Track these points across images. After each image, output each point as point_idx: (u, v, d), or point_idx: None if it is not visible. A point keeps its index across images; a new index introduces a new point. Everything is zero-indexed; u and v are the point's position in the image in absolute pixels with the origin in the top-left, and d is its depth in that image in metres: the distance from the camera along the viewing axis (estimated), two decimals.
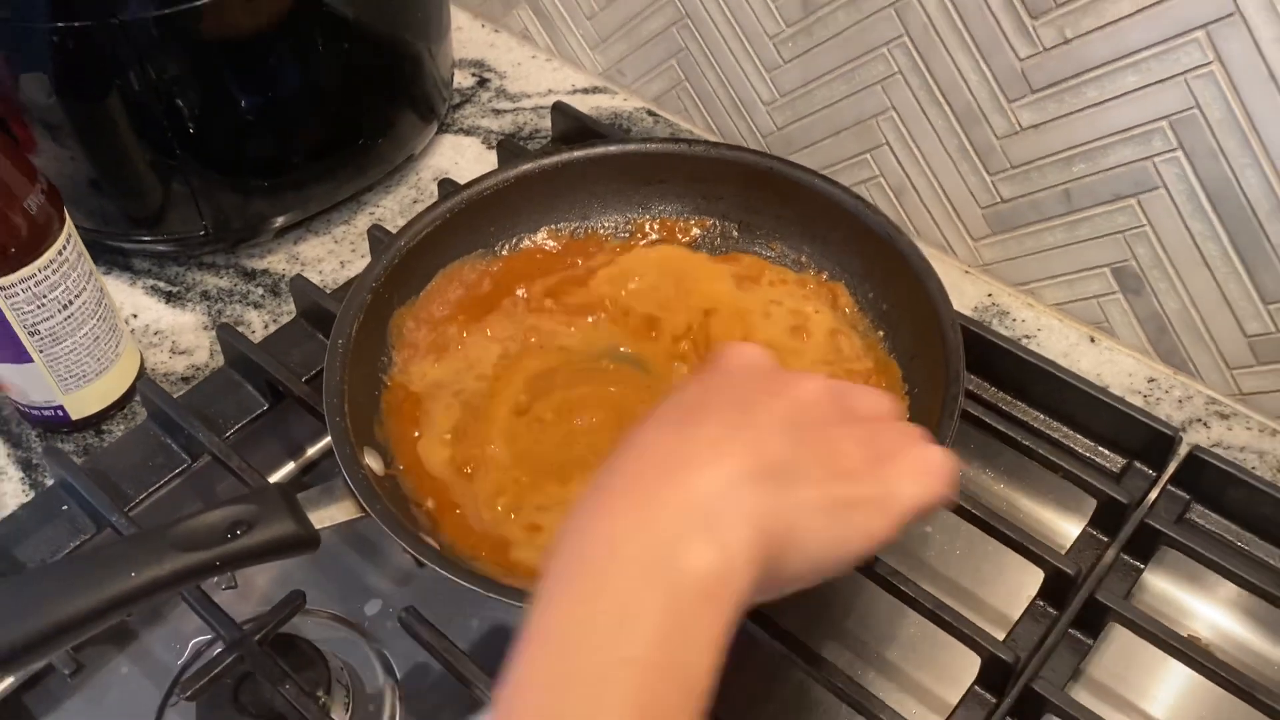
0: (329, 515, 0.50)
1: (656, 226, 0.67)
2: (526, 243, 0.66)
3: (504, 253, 0.65)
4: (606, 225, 0.67)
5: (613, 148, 0.66)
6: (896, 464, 0.40)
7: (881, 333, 0.61)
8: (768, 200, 0.65)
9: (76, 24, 0.60)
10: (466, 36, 0.91)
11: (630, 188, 0.66)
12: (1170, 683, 0.56)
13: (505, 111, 0.86)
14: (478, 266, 0.64)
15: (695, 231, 0.67)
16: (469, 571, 0.48)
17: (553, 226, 0.66)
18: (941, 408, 0.52)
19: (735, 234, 0.66)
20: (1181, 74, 0.58)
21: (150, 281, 0.74)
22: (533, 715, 0.33)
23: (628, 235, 0.66)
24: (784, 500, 0.36)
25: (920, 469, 0.40)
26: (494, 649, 0.58)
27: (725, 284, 0.64)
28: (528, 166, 0.64)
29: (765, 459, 0.37)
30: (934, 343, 0.55)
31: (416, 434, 0.58)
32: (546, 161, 0.64)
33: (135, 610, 0.45)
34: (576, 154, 0.65)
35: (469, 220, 0.63)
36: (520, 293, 0.64)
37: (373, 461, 0.54)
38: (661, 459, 0.37)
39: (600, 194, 0.66)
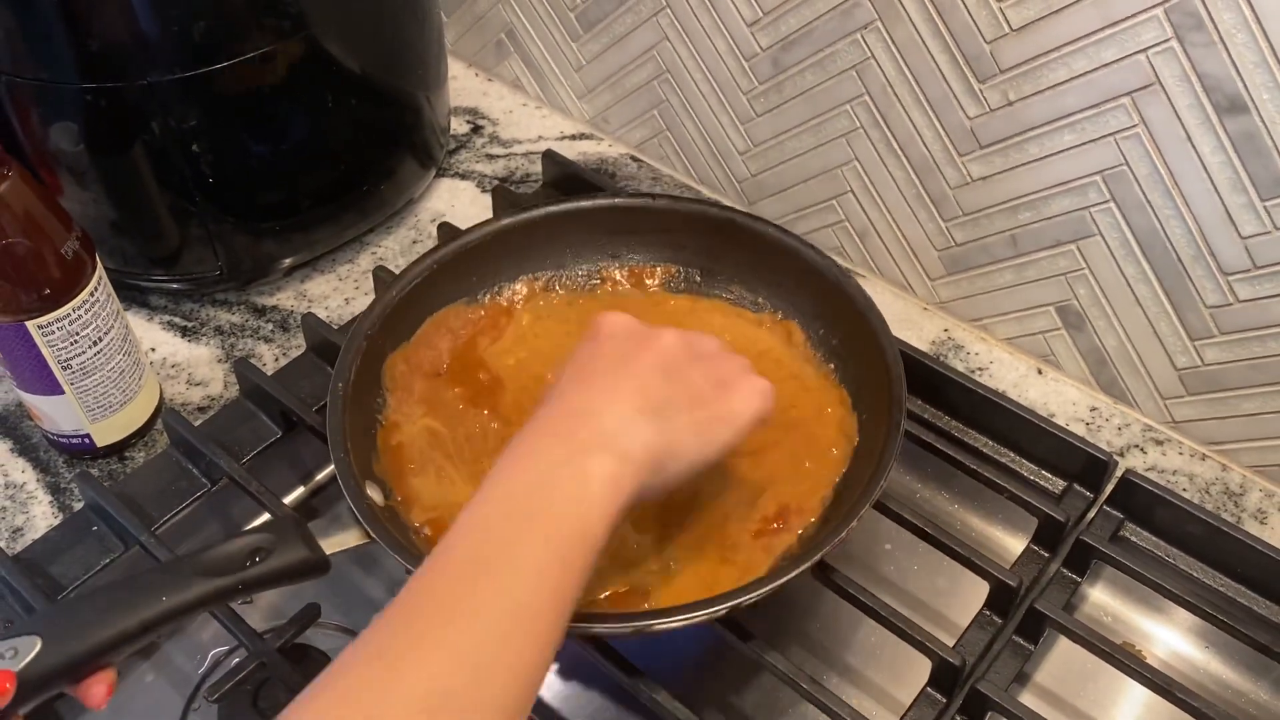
0: (338, 541, 0.55)
1: (625, 273, 0.72)
2: (506, 291, 0.71)
3: (485, 300, 0.70)
4: (579, 273, 0.72)
5: (585, 203, 0.71)
6: (737, 389, 0.54)
7: (832, 365, 0.67)
8: (727, 248, 0.70)
9: (108, 85, 0.66)
10: (461, 85, 0.97)
11: (602, 238, 0.72)
12: (1105, 686, 0.62)
13: (498, 157, 0.92)
14: (462, 314, 0.69)
15: (661, 277, 0.72)
16: None
17: (530, 275, 0.71)
18: (887, 431, 0.58)
19: (698, 279, 0.72)
20: (1111, 134, 0.64)
21: (167, 317, 0.79)
22: (474, 538, 0.44)
23: (598, 282, 0.72)
24: (664, 427, 0.49)
25: (752, 393, 0.54)
26: None
27: (691, 321, 0.70)
28: (507, 221, 0.70)
29: (648, 398, 0.50)
30: (879, 372, 0.61)
31: (412, 466, 0.62)
32: (524, 216, 0.70)
33: (164, 632, 0.50)
34: (552, 209, 0.71)
35: (454, 271, 0.68)
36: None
37: (374, 493, 0.58)
38: (571, 407, 0.50)
39: (574, 244, 0.71)
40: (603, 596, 0.56)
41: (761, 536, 0.59)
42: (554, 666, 0.63)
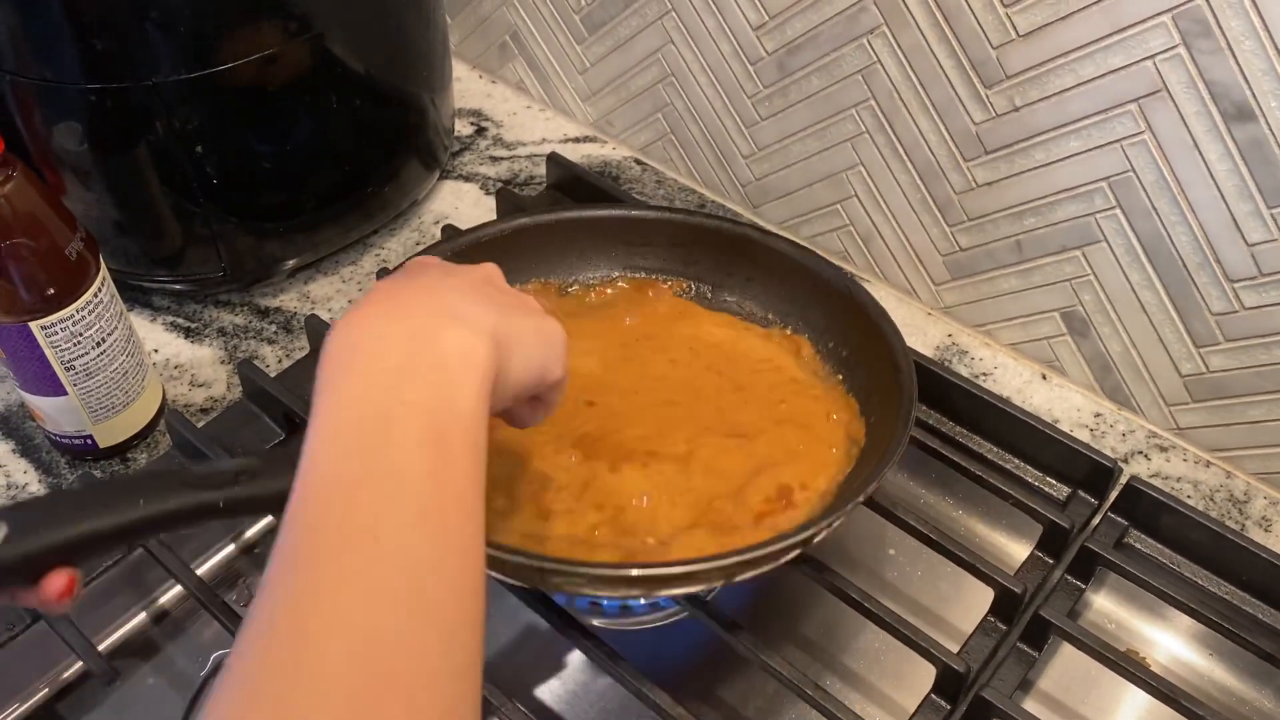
0: None
1: (635, 283, 0.72)
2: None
3: None
4: (590, 279, 0.72)
5: (601, 211, 0.71)
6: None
7: (840, 376, 0.67)
8: (740, 263, 0.70)
9: (113, 85, 0.66)
10: (465, 87, 0.97)
11: (615, 247, 0.71)
12: (1109, 693, 0.62)
13: (502, 159, 0.91)
14: None
15: (671, 290, 0.72)
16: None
17: (541, 279, 0.71)
18: (898, 419, 0.58)
19: (708, 294, 0.72)
20: (1118, 141, 0.64)
21: (170, 318, 0.79)
22: (335, 455, 0.38)
23: (607, 292, 0.72)
24: (504, 317, 0.44)
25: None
26: (512, 658, 0.63)
27: (698, 332, 0.70)
28: (524, 220, 0.69)
29: (480, 292, 0.45)
30: (888, 374, 0.61)
31: None
32: (543, 218, 0.70)
33: (138, 541, 0.46)
34: (570, 214, 0.70)
35: (471, 262, 0.68)
36: None
37: None
38: (403, 287, 0.44)
39: (585, 251, 0.71)
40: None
41: (765, 518, 0.58)
42: (554, 668, 0.63)
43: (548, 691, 0.62)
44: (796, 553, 0.54)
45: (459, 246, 0.67)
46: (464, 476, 0.39)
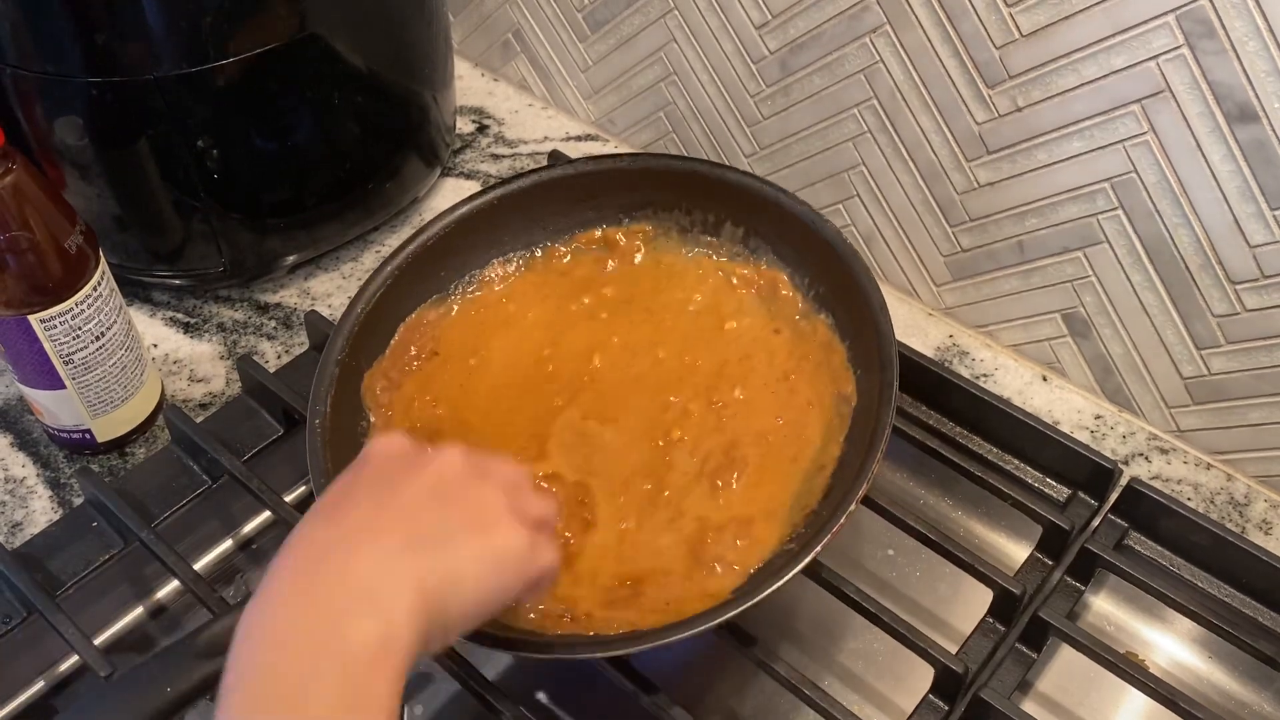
0: None
1: (598, 239, 0.71)
2: (478, 278, 0.69)
3: (458, 292, 0.69)
4: (551, 246, 0.70)
5: (544, 174, 0.69)
6: (537, 524, 0.46)
7: (823, 315, 0.66)
8: (697, 201, 0.69)
9: (115, 79, 0.66)
10: (467, 85, 0.97)
11: (568, 208, 0.70)
12: (1108, 695, 0.62)
13: (504, 157, 0.91)
14: (437, 311, 0.68)
15: (637, 238, 0.71)
16: None
17: (501, 258, 0.70)
18: (879, 394, 0.58)
19: (674, 234, 0.70)
20: (1120, 142, 0.64)
21: (169, 313, 0.79)
22: None
23: (573, 254, 0.70)
24: (438, 559, 0.41)
25: (549, 542, 0.47)
26: (512, 660, 0.63)
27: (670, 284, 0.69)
28: (465, 209, 0.68)
29: (415, 529, 0.42)
30: (868, 327, 0.60)
31: None
32: (483, 200, 0.68)
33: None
34: (509, 188, 0.68)
35: (420, 271, 0.66)
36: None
37: None
38: (318, 550, 0.41)
39: (540, 218, 0.70)
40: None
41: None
42: (553, 671, 0.63)
43: (547, 695, 0.62)
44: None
45: (406, 260, 0.65)
46: None
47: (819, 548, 0.53)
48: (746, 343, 0.66)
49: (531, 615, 0.55)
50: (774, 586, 0.51)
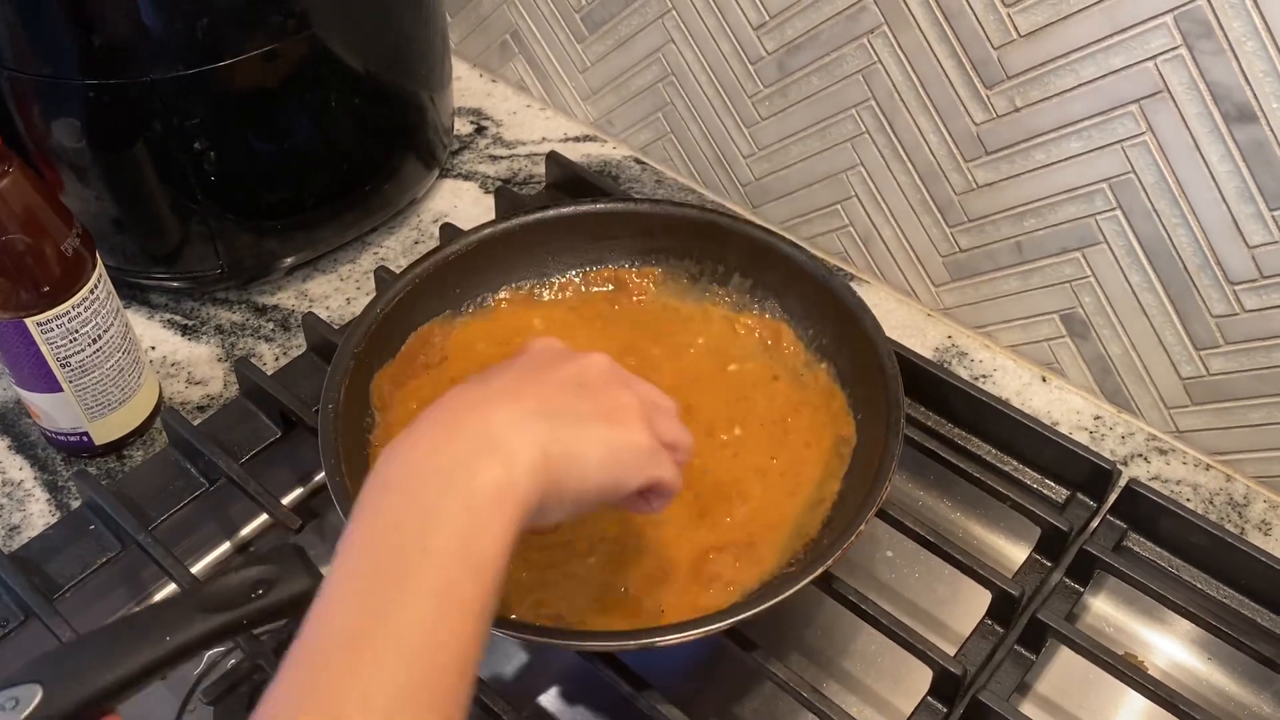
0: None
1: (608, 277, 0.72)
2: (489, 301, 0.70)
3: (469, 312, 0.70)
4: (561, 279, 0.72)
5: (565, 210, 0.71)
6: (670, 426, 0.49)
7: (825, 364, 0.67)
8: (709, 250, 0.70)
9: (111, 81, 0.66)
10: (465, 86, 0.97)
11: (583, 243, 0.71)
12: (1106, 697, 0.61)
13: (501, 158, 0.91)
14: (445, 328, 0.69)
15: (645, 280, 0.72)
16: None
17: (512, 285, 0.71)
18: (886, 429, 0.58)
19: (684, 280, 0.72)
20: (1118, 142, 0.63)
21: (167, 316, 0.79)
22: (349, 599, 0.39)
23: (583, 289, 0.72)
24: (565, 431, 0.44)
25: (683, 441, 0.50)
26: (512, 663, 0.62)
27: (673, 328, 0.70)
28: (487, 232, 0.69)
29: (548, 403, 0.45)
30: (873, 372, 0.61)
31: None
32: (504, 226, 0.70)
33: (168, 672, 0.48)
34: (531, 218, 0.70)
35: (437, 284, 0.68)
36: None
37: None
38: (462, 404, 0.44)
39: (555, 251, 0.71)
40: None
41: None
42: (552, 674, 0.63)
43: (546, 698, 0.62)
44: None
45: (425, 271, 0.67)
46: (469, 636, 0.39)
47: (826, 565, 0.54)
48: (747, 386, 0.67)
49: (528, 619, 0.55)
50: (782, 596, 0.53)
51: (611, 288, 0.72)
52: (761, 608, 0.52)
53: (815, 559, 0.55)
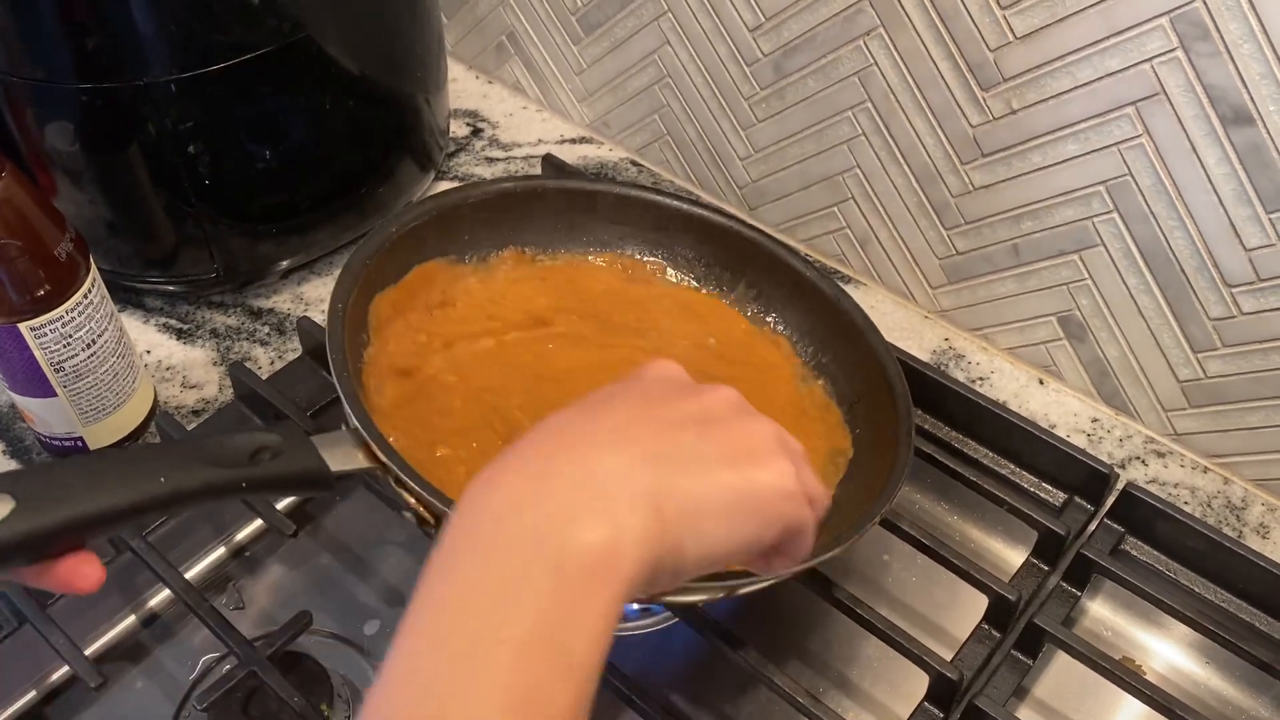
0: (343, 459, 0.49)
1: (612, 261, 0.71)
2: (491, 257, 0.69)
3: (469, 262, 0.68)
4: (566, 253, 0.71)
5: (590, 185, 0.70)
6: (804, 472, 0.41)
7: (821, 381, 0.66)
8: (718, 256, 0.70)
9: (105, 85, 0.65)
10: (461, 87, 0.97)
11: (598, 224, 0.71)
12: (1103, 702, 0.61)
13: (497, 160, 0.91)
14: (448, 271, 0.68)
15: (649, 271, 0.71)
16: None
17: (517, 247, 0.70)
18: (897, 441, 0.58)
19: (692, 280, 0.71)
20: (1115, 144, 0.63)
21: (162, 319, 0.79)
22: (408, 688, 0.32)
23: (590, 263, 0.71)
24: (684, 481, 0.36)
25: (816, 490, 0.42)
26: None
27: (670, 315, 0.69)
28: (509, 185, 0.68)
29: (666, 445, 0.37)
30: (878, 389, 0.61)
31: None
32: (527, 184, 0.69)
33: (152, 518, 0.43)
34: (557, 183, 0.70)
35: (450, 224, 0.66)
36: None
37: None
38: (564, 436, 0.37)
39: (568, 224, 0.70)
40: None
41: None
42: None
43: None
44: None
45: (445, 206, 0.66)
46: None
47: (825, 557, 0.52)
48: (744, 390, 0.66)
49: None
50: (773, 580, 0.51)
51: (620, 271, 0.71)
52: (746, 580, 0.50)
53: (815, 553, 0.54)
